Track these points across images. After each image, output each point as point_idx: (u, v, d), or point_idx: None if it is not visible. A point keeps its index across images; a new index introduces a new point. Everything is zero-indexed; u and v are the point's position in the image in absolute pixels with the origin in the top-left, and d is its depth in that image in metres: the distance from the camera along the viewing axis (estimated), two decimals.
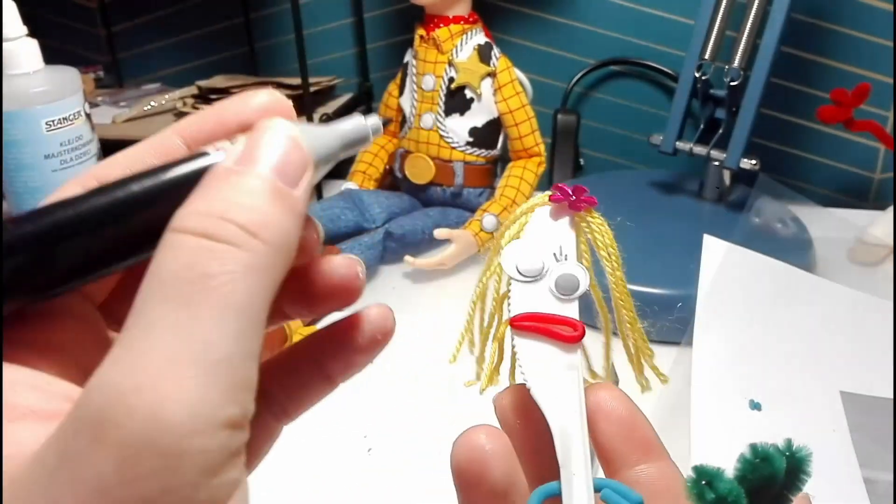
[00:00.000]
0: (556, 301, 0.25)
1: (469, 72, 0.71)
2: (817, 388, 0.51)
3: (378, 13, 0.89)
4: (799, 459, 0.19)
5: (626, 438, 0.25)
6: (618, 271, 0.27)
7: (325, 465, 0.48)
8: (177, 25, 0.95)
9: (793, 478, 0.19)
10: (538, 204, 0.27)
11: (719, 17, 0.66)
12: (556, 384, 0.24)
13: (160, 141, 0.21)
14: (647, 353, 0.29)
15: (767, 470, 0.19)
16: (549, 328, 0.25)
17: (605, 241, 0.27)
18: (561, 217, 0.26)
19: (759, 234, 0.64)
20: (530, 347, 0.25)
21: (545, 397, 0.24)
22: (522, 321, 0.25)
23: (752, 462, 0.19)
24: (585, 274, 0.26)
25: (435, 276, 0.70)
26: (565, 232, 0.26)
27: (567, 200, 0.26)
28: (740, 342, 0.53)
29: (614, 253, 0.27)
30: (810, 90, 0.80)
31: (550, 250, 0.26)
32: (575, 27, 0.84)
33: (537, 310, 0.25)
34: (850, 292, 0.58)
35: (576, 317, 0.25)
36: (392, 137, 0.80)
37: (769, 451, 0.19)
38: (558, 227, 0.26)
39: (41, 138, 0.62)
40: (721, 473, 0.19)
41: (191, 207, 0.18)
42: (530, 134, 0.73)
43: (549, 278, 0.26)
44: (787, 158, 0.84)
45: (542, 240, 0.26)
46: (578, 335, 0.25)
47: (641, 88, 0.85)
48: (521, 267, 0.26)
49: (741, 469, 0.19)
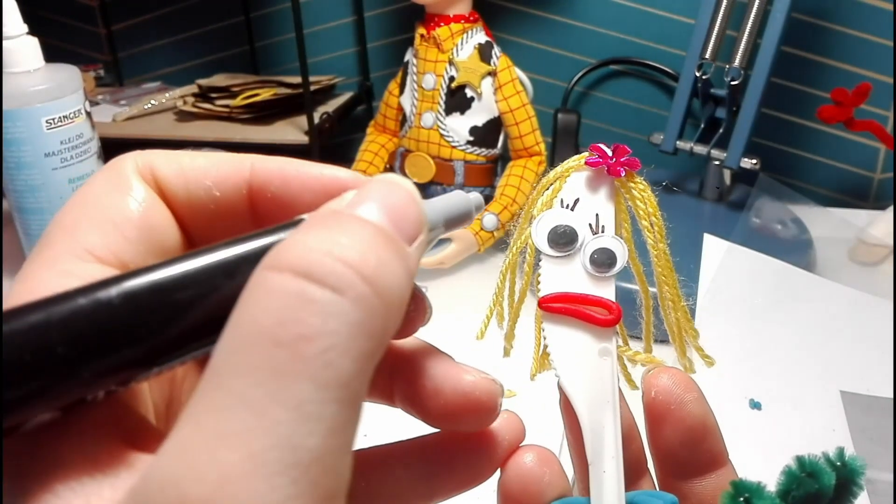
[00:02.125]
0: (591, 279, 0.23)
1: (469, 71, 0.71)
2: (817, 388, 0.51)
3: (378, 12, 0.89)
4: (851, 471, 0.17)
5: (694, 450, 0.22)
6: (661, 243, 0.24)
7: None
8: (177, 24, 0.95)
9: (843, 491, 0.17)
10: (573, 167, 0.24)
11: (720, 17, 0.66)
12: (587, 373, 0.22)
13: (230, 167, 0.19)
14: (691, 334, 0.26)
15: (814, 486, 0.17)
16: (582, 310, 0.22)
17: (647, 210, 0.24)
18: (598, 183, 0.23)
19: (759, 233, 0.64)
20: (560, 332, 0.23)
21: (575, 387, 0.22)
22: (552, 302, 0.23)
23: (797, 476, 0.17)
24: (624, 248, 0.23)
25: (435, 275, 0.70)
26: (603, 200, 0.23)
27: (606, 164, 0.23)
28: (740, 342, 0.53)
29: (658, 223, 0.24)
30: (810, 90, 0.80)
31: (586, 221, 0.23)
32: (575, 26, 0.84)
33: (569, 289, 0.23)
34: (850, 292, 0.58)
35: (612, 297, 0.23)
36: (392, 136, 0.80)
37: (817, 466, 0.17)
38: (595, 194, 0.23)
39: (41, 136, 0.62)
40: (761, 489, 0.17)
41: (290, 241, 0.14)
42: (531, 133, 0.73)
43: (584, 253, 0.23)
44: (787, 158, 0.84)
45: (577, 209, 0.23)
46: (614, 318, 0.22)
47: (642, 88, 0.85)
48: (553, 240, 0.23)
49: (785, 483, 0.17)
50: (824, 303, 0.57)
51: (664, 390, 0.22)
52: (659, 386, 0.22)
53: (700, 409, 0.22)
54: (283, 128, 0.80)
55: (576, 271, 0.23)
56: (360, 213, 0.15)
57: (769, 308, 0.55)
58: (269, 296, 0.13)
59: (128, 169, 0.18)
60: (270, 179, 0.19)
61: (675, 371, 0.22)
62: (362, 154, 0.79)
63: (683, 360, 0.27)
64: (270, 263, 0.14)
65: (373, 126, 0.82)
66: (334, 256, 0.14)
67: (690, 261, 0.55)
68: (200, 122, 0.82)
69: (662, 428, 0.22)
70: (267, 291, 0.14)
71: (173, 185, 0.19)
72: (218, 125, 0.81)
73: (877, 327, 0.55)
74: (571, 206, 0.23)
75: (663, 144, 0.70)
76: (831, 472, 0.17)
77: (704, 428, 0.22)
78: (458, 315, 0.65)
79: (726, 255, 0.56)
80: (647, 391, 0.22)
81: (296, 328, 0.13)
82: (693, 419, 0.22)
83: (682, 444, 0.22)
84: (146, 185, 0.18)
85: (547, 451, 0.21)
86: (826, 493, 0.17)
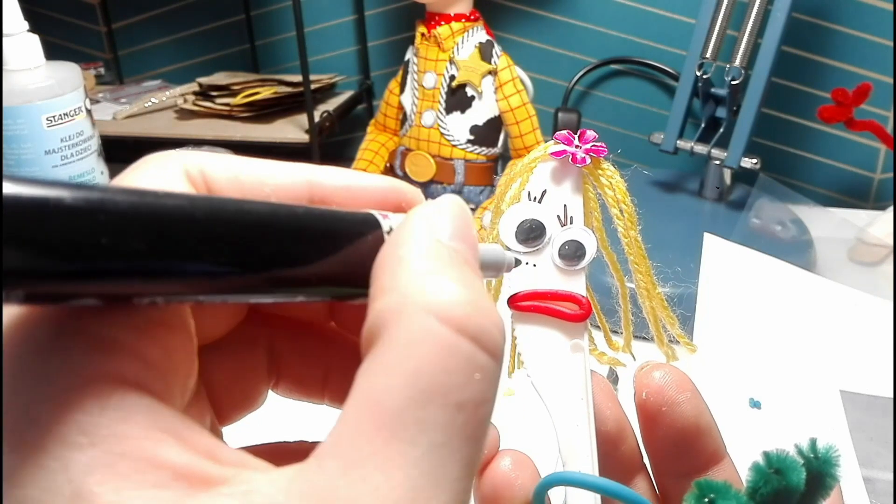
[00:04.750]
0: (561, 273, 0.22)
1: (470, 70, 0.71)
2: (817, 388, 0.51)
3: (379, 11, 0.89)
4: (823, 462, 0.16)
5: (689, 449, 0.21)
6: (632, 230, 0.23)
7: None
8: (178, 22, 0.95)
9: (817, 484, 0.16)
10: (539, 158, 0.23)
11: (720, 17, 0.66)
12: (559, 370, 0.22)
13: (288, 177, 0.18)
14: (670, 321, 0.25)
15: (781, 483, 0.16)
16: (551, 307, 0.22)
17: (615, 197, 0.23)
18: (565, 173, 0.23)
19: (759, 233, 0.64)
20: (530, 330, 0.22)
21: (546, 386, 0.22)
22: (521, 301, 0.22)
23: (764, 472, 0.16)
24: (593, 239, 0.22)
25: None
26: (570, 190, 0.22)
27: (570, 153, 0.22)
28: (740, 341, 0.53)
29: (627, 209, 0.23)
30: (811, 90, 0.80)
31: (554, 213, 0.22)
32: (576, 26, 0.84)
33: (538, 286, 0.22)
34: (850, 292, 0.58)
35: (582, 291, 0.22)
36: (393, 135, 0.80)
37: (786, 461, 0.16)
38: (562, 184, 0.23)
39: (42, 134, 0.62)
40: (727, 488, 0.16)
41: (452, 292, 0.14)
42: (531, 132, 0.73)
43: (553, 246, 0.22)
44: (787, 158, 0.84)
45: (545, 201, 0.22)
46: (584, 313, 0.22)
47: (642, 87, 0.85)
48: (521, 235, 0.22)
49: (752, 480, 0.16)
50: (824, 303, 0.57)
51: (655, 391, 0.21)
52: (650, 387, 0.21)
53: (693, 409, 0.21)
54: (284, 126, 0.80)
55: (545, 266, 0.22)
56: (472, 265, 0.16)
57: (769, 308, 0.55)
58: (448, 358, 0.14)
59: (176, 169, 0.17)
60: (335, 192, 0.18)
61: (668, 368, 0.22)
62: (362, 153, 0.79)
63: (664, 349, 0.26)
64: (441, 314, 0.14)
65: (373, 125, 0.82)
66: (492, 321, 0.14)
67: (690, 260, 0.55)
68: (201, 121, 0.82)
69: (655, 429, 0.21)
70: (446, 351, 0.14)
71: (227, 191, 0.17)
72: (218, 123, 0.81)
73: (877, 327, 0.55)
74: (539, 198, 0.23)
75: (664, 144, 0.70)
76: (801, 468, 0.16)
77: (698, 428, 0.21)
78: None
79: (726, 255, 0.56)
80: (639, 392, 0.22)
81: (472, 394, 0.14)
82: (685, 420, 0.21)
83: (675, 443, 0.21)
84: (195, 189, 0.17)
85: (522, 455, 0.21)
86: (796, 489, 0.16)
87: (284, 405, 0.23)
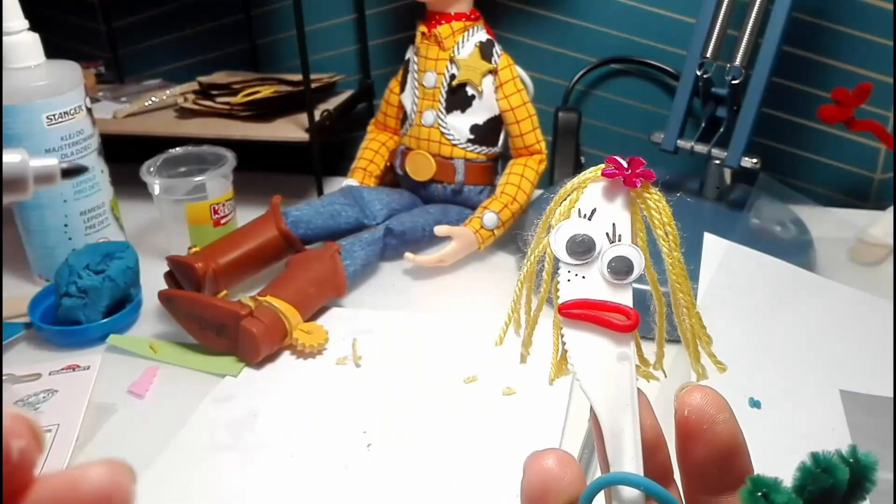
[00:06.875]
0: (609, 286, 0.24)
1: (470, 69, 0.71)
2: (817, 388, 0.51)
3: (379, 10, 0.89)
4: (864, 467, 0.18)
5: (723, 468, 0.22)
6: (675, 252, 0.25)
7: (324, 461, 0.48)
8: (178, 21, 0.95)
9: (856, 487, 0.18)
10: (590, 178, 0.25)
11: (721, 16, 0.66)
12: (606, 377, 0.23)
13: None
14: (705, 340, 0.27)
15: (829, 481, 0.17)
16: (600, 316, 0.23)
17: (662, 220, 0.25)
18: (615, 193, 0.24)
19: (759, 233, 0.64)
20: (579, 337, 0.23)
21: (595, 391, 0.23)
22: (571, 308, 0.23)
23: (812, 472, 0.17)
24: (641, 256, 0.24)
25: (435, 273, 0.70)
26: (619, 210, 0.24)
27: (622, 175, 0.24)
28: (740, 341, 0.53)
29: (672, 232, 0.25)
30: (811, 89, 0.80)
31: (603, 230, 0.24)
32: (576, 25, 0.84)
33: (588, 296, 0.23)
34: (850, 292, 0.58)
35: (629, 303, 0.23)
36: (393, 134, 0.80)
37: (832, 461, 0.17)
38: (612, 204, 0.24)
39: (42, 132, 0.62)
40: (778, 484, 0.18)
41: None
42: (531, 131, 0.73)
43: (602, 261, 0.24)
44: (787, 158, 0.84)
45: (594, 219, 0.24)
46: (632, 324, 0.23)
47: (642, 87, 0.85)
48: (571, 249, 0.24)
49: (800, 479, 0.18)
50: (824, 303, 0.57)
51: (697, 409, 0.22)
52: (692, 405, 0.22)
53: (731, 429, 0.22)
54: (284, 125, 0.80)
55: (594, 279, 0.24)
56: None
57: (769, 307, 0.55)
58: None
59: None
60: None
61: (708, 390, 0.23)
62: (363, 152, 0.79)
63: (697, 367, 0.27)
64: None
65: (373, 124, 0.82)
66: None
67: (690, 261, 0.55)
68: (201, 119, 0.82)
69: (693, 445, 0.22)
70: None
71: None
72: (218, 122, 0.81)
73: (877, 327, 0.55)
74: (589, 215, 0.24)
75: (664, 143, 0.70)
76: (845, 468, 0.17)
77: (734, 447, 0.22)
78: (459, 311, 0.65)
79: (727, 255, 0.56)
80: (680, 409, 0.23)
81: None
82: (724, 439, 0.22)
83: (712, 462, 0.22)
84: None
85: (566, 454, 0.22)
86: (840, 488, 0.17)
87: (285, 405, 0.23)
